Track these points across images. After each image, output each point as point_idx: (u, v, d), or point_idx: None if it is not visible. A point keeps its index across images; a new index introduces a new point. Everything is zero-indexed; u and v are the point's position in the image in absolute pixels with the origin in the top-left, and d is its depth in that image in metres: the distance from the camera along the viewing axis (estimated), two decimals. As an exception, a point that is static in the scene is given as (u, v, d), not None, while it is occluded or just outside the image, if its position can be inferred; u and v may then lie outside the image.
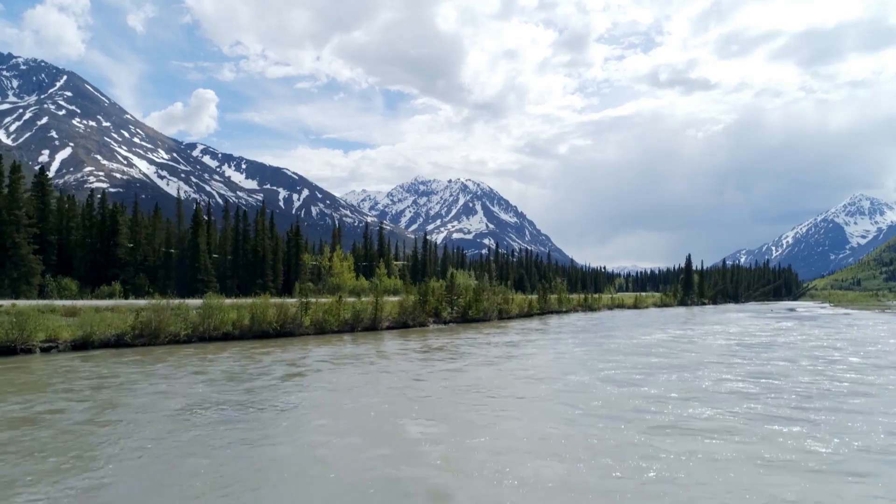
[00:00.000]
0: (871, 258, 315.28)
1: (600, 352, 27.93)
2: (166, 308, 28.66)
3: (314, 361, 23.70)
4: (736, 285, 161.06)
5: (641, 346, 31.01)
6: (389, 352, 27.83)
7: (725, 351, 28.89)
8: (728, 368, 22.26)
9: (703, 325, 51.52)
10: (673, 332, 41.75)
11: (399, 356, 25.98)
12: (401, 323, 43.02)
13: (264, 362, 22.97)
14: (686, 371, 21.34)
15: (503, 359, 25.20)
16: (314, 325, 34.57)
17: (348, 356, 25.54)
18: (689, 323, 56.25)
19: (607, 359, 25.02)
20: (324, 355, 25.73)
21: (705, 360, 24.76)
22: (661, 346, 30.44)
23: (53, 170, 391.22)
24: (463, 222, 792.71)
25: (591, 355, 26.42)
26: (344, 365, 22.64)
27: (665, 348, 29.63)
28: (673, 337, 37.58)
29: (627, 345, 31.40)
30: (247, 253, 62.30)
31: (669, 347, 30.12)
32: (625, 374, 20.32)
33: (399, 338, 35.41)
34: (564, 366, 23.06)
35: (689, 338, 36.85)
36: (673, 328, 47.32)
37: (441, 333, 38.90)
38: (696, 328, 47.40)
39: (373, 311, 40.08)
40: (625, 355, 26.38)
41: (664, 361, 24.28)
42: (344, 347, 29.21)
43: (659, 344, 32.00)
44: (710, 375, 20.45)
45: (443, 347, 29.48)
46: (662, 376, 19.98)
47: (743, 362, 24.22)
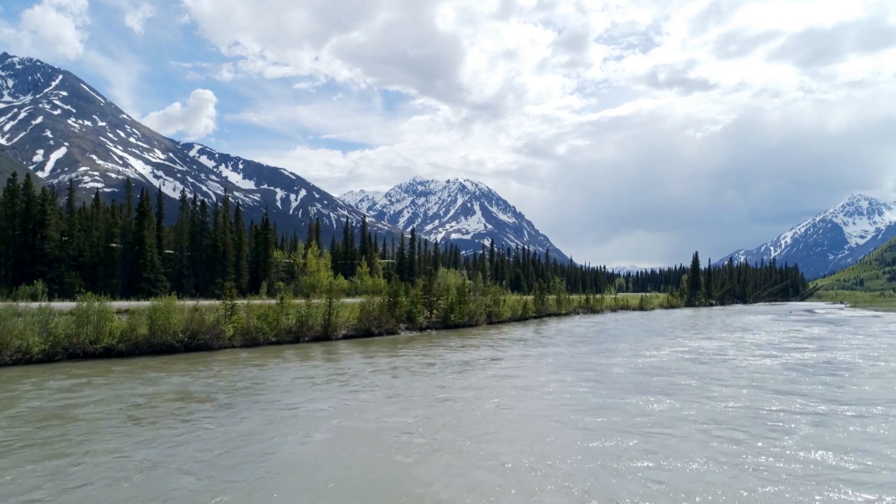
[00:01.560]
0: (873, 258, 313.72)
1: (597, 387, 18.61)
2: (7, 313, 21.34)
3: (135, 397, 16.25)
4: (743, 285, 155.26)
5: (655, 370, 22.25)
6: (286, 383, 19.13)
7: (779, 380, 20.09)
8: (816, 428, 13.33)
9: (724, 333, 43.40)
10: (692, 344, 33.65)
11: (296, 392, 17.54)
12: (362, 330, 35.60)
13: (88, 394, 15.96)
14: (740, 435, 12.62)
15: (437, 404, 16.07)
16: (242, 336, 27.62)
17: (221, 389, 17.68)
18: (706, 329, 48.22)
19: (607, 404, 15.86)
20: (176, 390, 17.54)
21: (762, 407, 15.53)
22: (684, 373, 21.76)
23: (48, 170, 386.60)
24: (461, 223, 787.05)
25: (581, 397, 16.93)
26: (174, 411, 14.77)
27: (691, 377, 20.77)
28: (695, 353, 29.00)
29: (636, 369, 22.63)
30: (205, 248, 55.63)
31: (697, 375, 21.12)
32: (636, 455, 11.16)
33: (346, 353, 28.05)
34: (531, 425, 13.72)
35: (715, 354, 28.43)
36: (690, 337, 39.18)
37: (405, 346, 31.46)
38: (716, 337, 39.42)
39: (324, 316, 32.91)
40: (634, 395, 17.17)
41: (698, 410, 15.17)
42: (240, 370, 21.45)
43: (680, 368, 23.17)
44: (790, 449, 11.57)
45: (379, 371, 21.88)
46: (705, 452, 11.39)
47: (825, 409, 15.23)
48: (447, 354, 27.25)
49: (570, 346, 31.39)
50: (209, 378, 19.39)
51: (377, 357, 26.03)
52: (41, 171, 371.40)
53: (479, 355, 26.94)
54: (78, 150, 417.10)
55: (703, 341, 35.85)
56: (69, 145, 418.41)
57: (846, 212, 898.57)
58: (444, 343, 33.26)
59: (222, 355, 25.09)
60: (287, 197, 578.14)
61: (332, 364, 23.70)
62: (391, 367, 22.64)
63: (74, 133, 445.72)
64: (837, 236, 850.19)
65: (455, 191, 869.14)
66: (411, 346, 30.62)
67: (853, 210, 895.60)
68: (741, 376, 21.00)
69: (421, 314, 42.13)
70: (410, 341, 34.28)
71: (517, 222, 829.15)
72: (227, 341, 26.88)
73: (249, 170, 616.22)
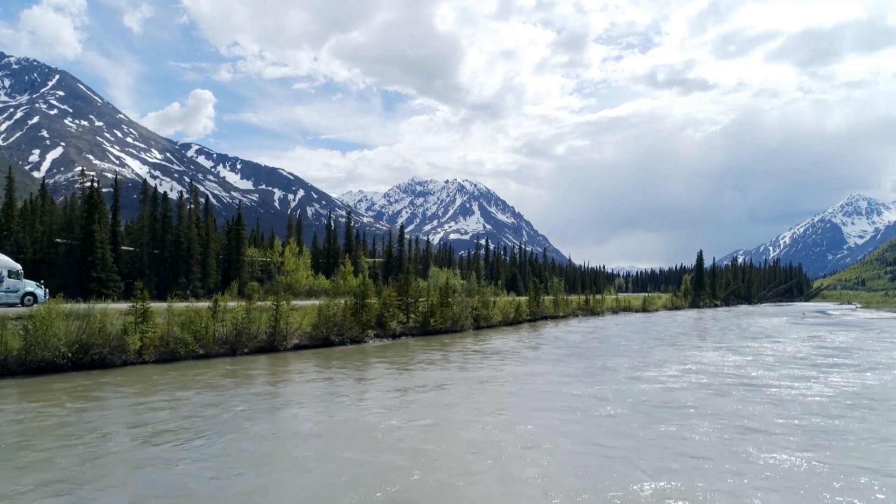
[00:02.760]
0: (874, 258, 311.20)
1: (575, 447, 11.88)
2: None
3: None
4: (748, 285, 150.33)
5: (665, 408, 15.83)
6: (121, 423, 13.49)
7: (855, 429, 13.44)
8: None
9: (741, 341, 37.72)
10: (707, 359, 27.52)
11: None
12: (320, 339, 30.21)
13: None
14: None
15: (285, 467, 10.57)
16: (157, 349, 22.48)
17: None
18: (720, 337, 42.63)
19: (584, 489, 9.49)
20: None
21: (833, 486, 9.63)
22: (707, 413, 15.15)
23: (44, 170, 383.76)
24: (460, 223, 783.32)
25: (548, 471, 10.37)
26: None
27: (716, 420, 14.28)
28: (713, 373, 22.51)
29: (637, 406, 16.12)
30: (168, 245, 50.87)
31: (724, 416, 14.68)
32: None
33: (289, 368, 23.26)
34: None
35: (740, 375, 21.89)
36: (703, 348, 33.49)
37: (363, 359, 26.43)
38: (734, 347, 33.62)
39: (269, 322, 27.47)
40: (633, 462, 10.77)
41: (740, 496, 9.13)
42: (86, 400, 15.88)
43: (700, 402, 16.51)
44: None
45: (287, 400, 16.51)
46: None
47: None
48: (387, 377, 21.12)
49: (557, 364, 25.65)
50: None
51: (312, 378, 20.57)
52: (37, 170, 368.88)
53: (429, 378, 20.61)
54: (74, 150, 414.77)
55: (720, 354, 30.16)
56: (65, 145, 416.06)
57: (845, 212, 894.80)
58: (403, 356, 27.88)
59: (119, 375, 19.69)
60: (285, 197, 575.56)
61: (238, 390, 17.92)
62: (276, 398, 16.82)
63: (71, 133, 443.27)
64: (836, 236, 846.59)
65: (454, 191, 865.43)
66: (359, 361, 25.38)
67: (852, 210, 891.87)
68: (790, 421, 14.01)
69: (394, 319, 37.07)
70: (370, 353, 28.96)
71: (516, 222, 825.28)
72: (134, 356, 21.53)
73: (247, 170, 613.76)
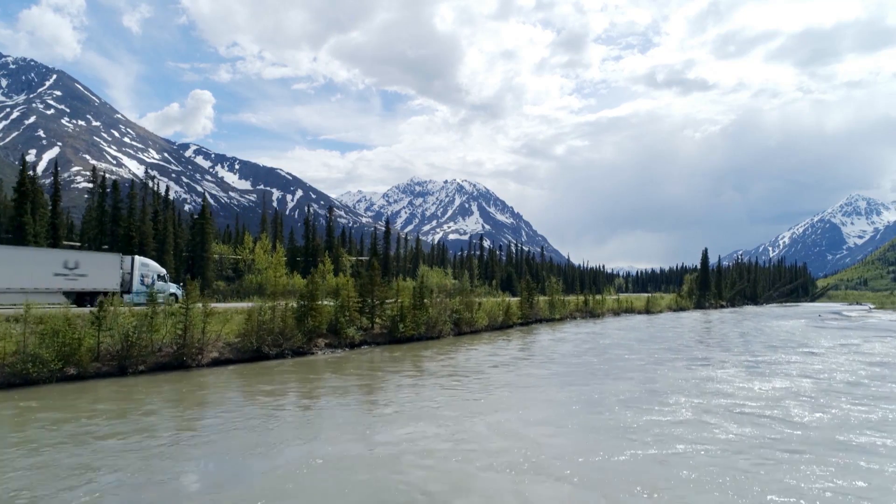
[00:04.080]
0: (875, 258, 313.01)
1: None
2: None
3: None
4: (754, 285, 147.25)
5: (693, 485, 10.34)
6: None
7: None
8: None
9: (771, 354, 31.40)
10: (737, 384, 20.84)
11: None
12: (249, 352, 24.97)
13: None
14: None
15: None
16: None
17: None
18: (741, 345, 36.79)
19: None
20: None
21: None
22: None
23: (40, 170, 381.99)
24: (459, 223, 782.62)
25: None
26: None
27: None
28: (753, 405, 17.07)
29: (646, 481, 10.54)
30: (118, 240, 45.93)
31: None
32: None
33: (177, 394, 18.61)
34: None
35: (789, 412, 16.21)
36: (723, 362, 27.68)
37: (288, 380, 21.52)
38: (763, 361, 27.92)
39: (175, 332, 21.88)
40: None
41: None
42: None
43: (749, 481, 10.61)
44: None
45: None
46: None
47: None
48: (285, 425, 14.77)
49: (530, 390, 19.84)
50: None
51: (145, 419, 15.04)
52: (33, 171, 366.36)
53: (317, 425, 14.72)
54: (71, 150, 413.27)
55: (751, 375, 23.31)
56: (62, 145, 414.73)
57: (844, 212, 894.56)
58: (343, 374, 23.10)
59: None
60: (283, 197, 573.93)
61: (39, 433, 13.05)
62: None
63: (68, 133, 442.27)
64: (836, 236, 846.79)
65: (453, 191, 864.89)
66: (282, 383, 21.04)
67: (851, 210, 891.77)
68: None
69: (352, 325, 31.97)
70: (311, 369, 24.00)
71: (515, 223, 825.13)
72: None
73: (246, 170, 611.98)
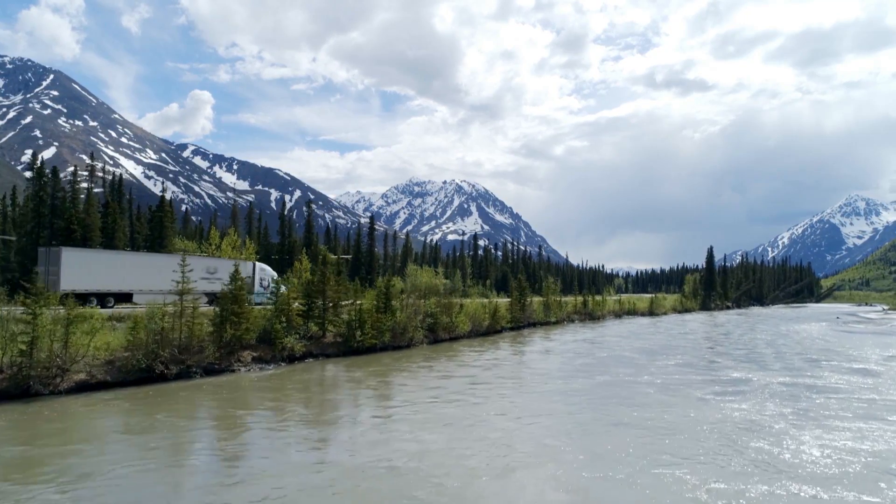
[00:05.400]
0: (877, 258, 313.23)
1: None
2: None
3: None
4: (759, 285, 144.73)
5: None
6: None
7: None
8: None
9: (818, 372, 25.98)
10: (807, 436, 14.96)
11: None
12: (135, 373, 19.33)
13: None
14: None
15: None
16: None
17: None
18: (772, 357, 31.59)
19: None
20: None
21: None
22: None
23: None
24: (458, 223, 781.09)
25: None
26: None
27: None
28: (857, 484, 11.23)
29: None
30: (58, 233, 41.59)
31: None
32: None
33: None
34: None
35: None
36: (764, 384, 22.40)
37: (155, 416, 16.33)
38: (815, 384, 22.54)
39: (19, 346, 16.69)
40: None
41: None
42: None
43: None
44: None
45: None
46: None
47: None
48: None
49: (477, 447, 13.63)
50: None
51: None
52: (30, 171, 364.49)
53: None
54: (67, 150, 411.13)
55: (808, 414, 17.45)
56: (59, 145, 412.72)
57: (843, 212, 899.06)
58: (233, 409, 17.70)
59: None
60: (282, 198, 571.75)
61: None
62: None
63: (64, 133, 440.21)
64: (835, 237, 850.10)
65: (452, 192, 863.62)
66: (149, 422, 15.86)
67: (850, 210, 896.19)
68: None
69: (292, 334, 26.28)
70: (207, 395, 18.68)
71: (514, 223, 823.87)
72: None
73: (244, 170, 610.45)
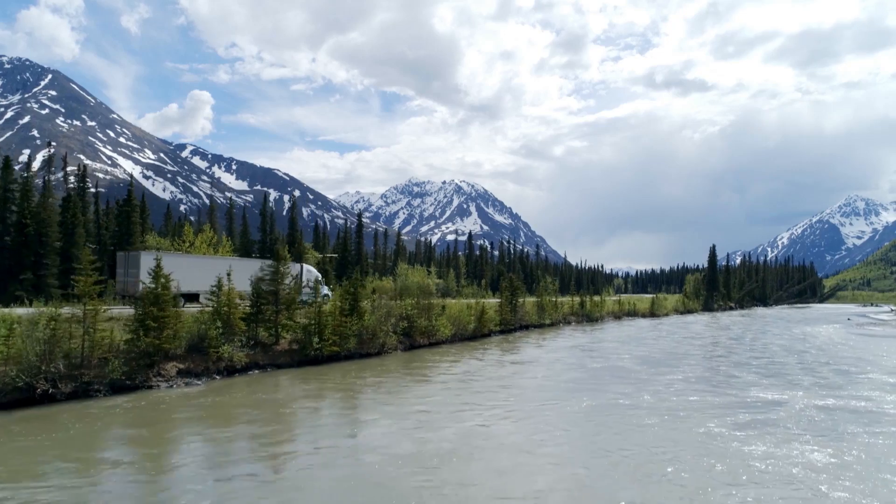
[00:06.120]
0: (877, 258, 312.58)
1: None
2: None
3: None
4: (762, 285, 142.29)
5: None
6: None
7: None
8: None
9: (852, 384, 22.29)
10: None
11: None
12: (13, 393, 16.09)
13: None
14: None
15: None
16: None
17: None
18: (793, 365, 27.78)
19: None
20: None
21: None
22: None
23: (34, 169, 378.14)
24: (457, 224, 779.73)
25: None
26: None
27: None
28: None
29: None
30: (10, 228, 39.24)
31: None
32: None
33: None
34: None
35: None
36: (800, 408, 17.68)
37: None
38: (859, 406, 18.16)
39: None
40: None
41: None
42: None
43: None
44: None
45: None
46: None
47: None
48: None
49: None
50: None
51: None
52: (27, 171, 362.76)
53: None
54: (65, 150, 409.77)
55: (868, 454, 12.87)
56: (56, 145, 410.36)
57: (843, 212, 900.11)
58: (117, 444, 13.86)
59: None
60: (280, 198, 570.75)
61: None
62: None
63: (62, 133, 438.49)
64: (835, 237, 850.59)
65: (451, 192, 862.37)
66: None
67: (850, 211, 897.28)
68: None
69: (232, 341, 22.59)
70: (105, 419, 15.47)
71: (513, 224, 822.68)
72: None
73: (243, 171, 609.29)
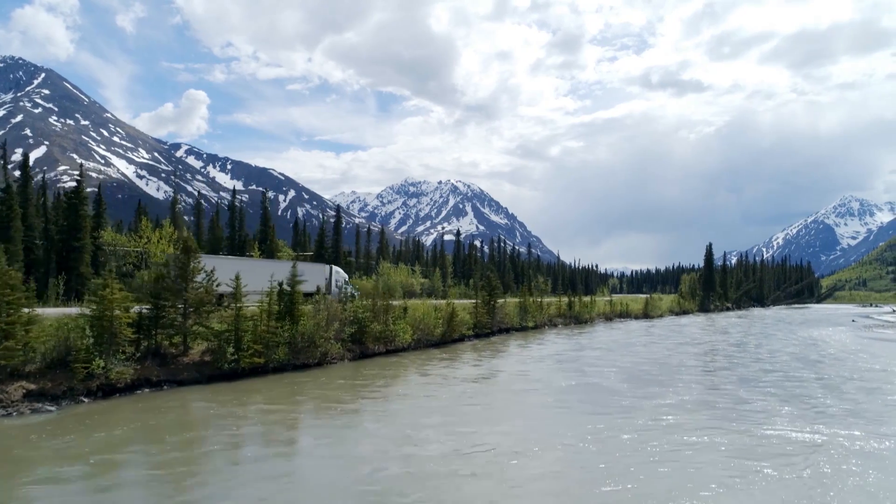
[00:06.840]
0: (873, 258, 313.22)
1: None
2: None
3: None
4: (760, 285, 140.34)
5: None
6: None
7: None
8: None
9: (888, 408, 19.62)
10: None
11: None
12: None
13: None
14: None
15: None
16: None
17: None
18: (811, 380, 25.09)
19: None
20: None
21: None
22: None
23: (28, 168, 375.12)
24: (453, 224, 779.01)
25: None
26: None
27: None
28: None
29: None
30: None
31: None
32: None
33: None
34: None
35: None
36: (841, 452, 13.99)
37: None
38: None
39: None
40: None
41: None
42: None
43: None
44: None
45: None
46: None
47: None
48: None
49: None
50: None
51: None
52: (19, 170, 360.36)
53: None
54: (58, 149, 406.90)
55: None
56: (49, 144, 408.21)
57: (838, 213, 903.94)
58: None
59: None
60: (276, 198, 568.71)
61: None
62: None
63: (55, 132, 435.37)
64: (829, 237, 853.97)
65: (447, 192, 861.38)
66: None
67: (845, 211, 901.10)
68: None
69: (115, 354, 19.35)
70: None
71: (509, 224, 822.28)
72: None
73: (238, 170, 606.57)
